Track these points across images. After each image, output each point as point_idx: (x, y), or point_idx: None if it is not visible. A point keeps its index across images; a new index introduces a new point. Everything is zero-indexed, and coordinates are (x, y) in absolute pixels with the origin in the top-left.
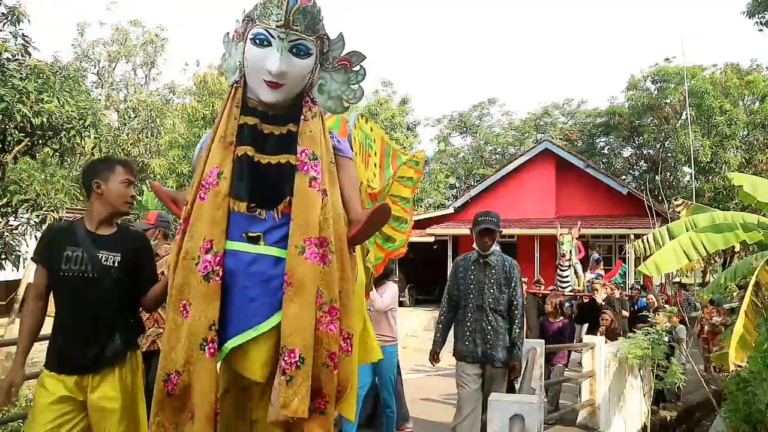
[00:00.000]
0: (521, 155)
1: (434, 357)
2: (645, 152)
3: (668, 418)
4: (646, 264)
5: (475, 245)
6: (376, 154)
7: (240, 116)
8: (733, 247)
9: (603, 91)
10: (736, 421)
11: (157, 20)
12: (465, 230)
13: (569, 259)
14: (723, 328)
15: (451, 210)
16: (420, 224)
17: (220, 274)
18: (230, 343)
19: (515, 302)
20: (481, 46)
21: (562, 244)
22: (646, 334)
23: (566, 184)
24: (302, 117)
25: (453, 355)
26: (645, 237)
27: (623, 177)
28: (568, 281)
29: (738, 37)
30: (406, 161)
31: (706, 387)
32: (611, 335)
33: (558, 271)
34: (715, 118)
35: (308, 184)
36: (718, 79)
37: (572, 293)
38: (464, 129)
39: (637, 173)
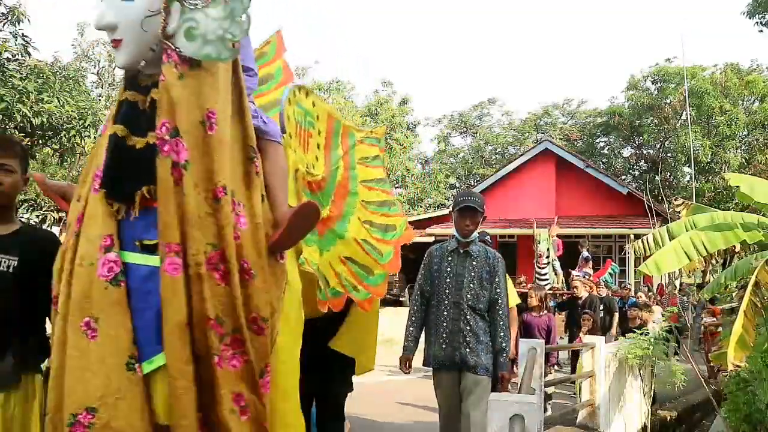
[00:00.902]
0: (521, 155)
1: (406, 364)
2: (645, 152)
3: (668, 418)
4: (647, 264)
5: (454, 231)
6: (320, 133)
7: (124, 90)
8: (734, 247)
9: (603, 91)
10: (736, 421)
11: None
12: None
13: (547, 257)
14: (715, 329)
15: (451, 210)
16: (420, 224)
17: (126, 280)
18: (146, 366)
19: (499, 301)
20: (481, 46)
21: (539, 243)
22: (645, 334)
23: (566, 184)
24: (161, 78)
25: (424, 363)
26: (645, 237)
27: (623, 177)
28: (546, 279)
29: (738, 37)
30: (362, 139)
31: (706, 387)
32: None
33: (536, 269)
34: (715, 118)
35: (169, 171)
36: (718, 79)
37: (551, 291)
38: (464, 129)
39: (637, 173)
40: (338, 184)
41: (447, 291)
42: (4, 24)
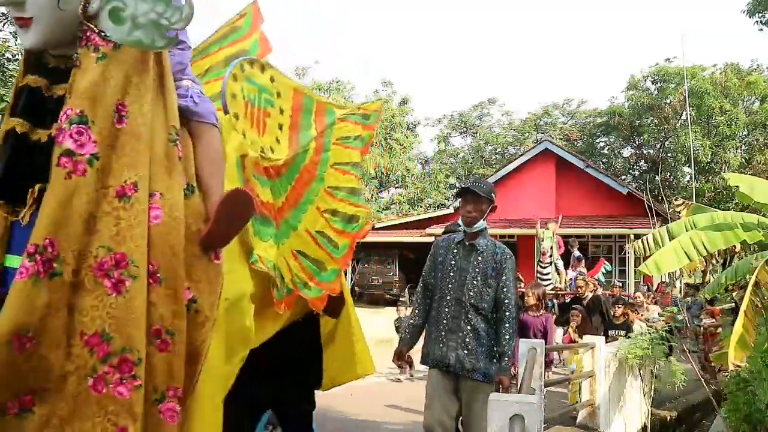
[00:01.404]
0: (521, 155)
1: (399, 356)
2: (645, 152)
3: (668, 418)
4: (647, 264)
5: (459, 221)
6: (282, 112)
7: (24, 75)
8: (734, 247)
9: (603, 91)
10: (736, 421)
11: None
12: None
13: (550, 256)
14: (714, 329)
15: (451, 210)
16: (420, 224)
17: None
18: None
19: (506, 301)
20: (481, 46)
21: (542, 240)
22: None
23: (566, 184)
24: (75, 62)
25: (421, 361)
26: (645, 237)
27: (623, 177)
28: (549, 279)
29: (738, 37)
30: (344, 116)
31: (706, 387)
32: (584, 334)
33: (538, 268)
34: (715, 118)
35: (56, 161)
36: (718, 79)
37: (553, 291)
38: (464, 129)
39: (637, 173)
40: (304, 168)
41: (449, 286)
42: (4, 24)
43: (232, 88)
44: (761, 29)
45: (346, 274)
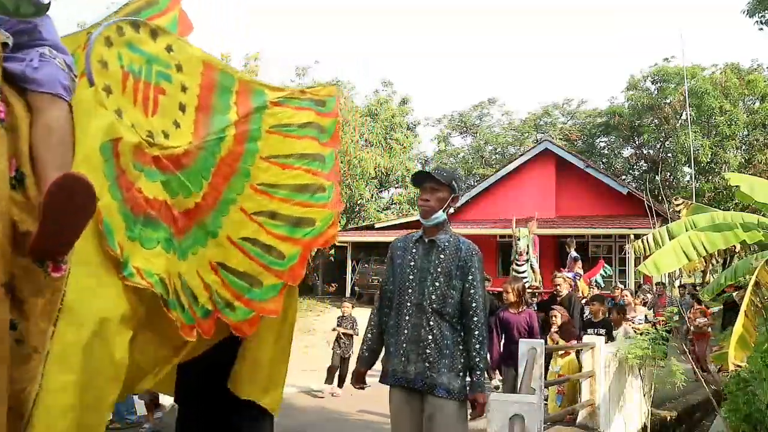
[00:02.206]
0: (521, 155)
1: (358, 378)
2: (645, 152)
3: (668, 418)
4: (646, 264)
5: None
6: (186, 89)
7: None
8: (734, 247)
9: (603, 91)
10: (736, 421)
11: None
12: (465, 230)
13: (527, 253)
14: (706, 329)
15: (451, 210)
16: (420, 224)
17: None
18: None
19: (473, 305)
20: (481, 46)
21: (519, 240)
22: (645, 334)
23: (566, 184)
24: None
25: (380, 380)
26: (645, 237)
27: (623, 177)
28: (524, 277)
29: (739, 37)
30: (282, 100)
31: (706, 387)
32: (567, 336)
33: (513, 266)
34: (715, 118)
35: None
36: (718, 79)
37: (530, 290)
38: (464, 129)
39: (637, 173)
40: (221, 160)
41: (409, 291)
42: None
43: (102, 53)
44: (761, 29)
45: (345, 275)
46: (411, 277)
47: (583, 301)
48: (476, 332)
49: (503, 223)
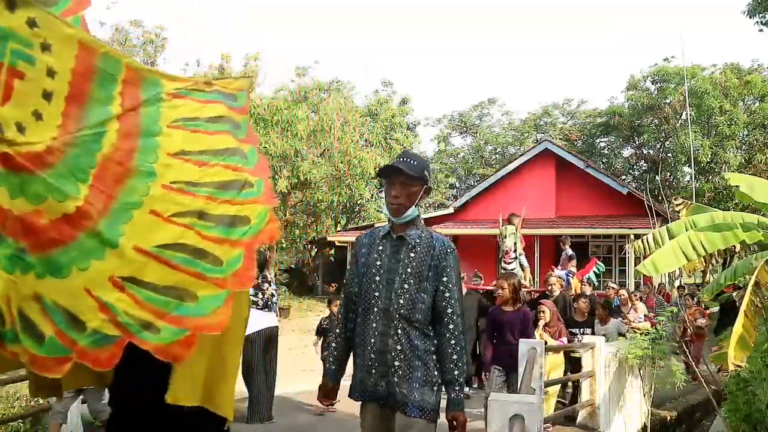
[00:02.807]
0: (521, 155)
1: (326, 393)
2: (645, 152)
3: (668, 418)
4: (645, 264)
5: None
6: (54, 74)
7: None
8: (734, 247)
9: (603, 91)
10: (736, 421)
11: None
12: (465, 230)
13: (514, 251)
14: (702, 330)
15: (451, 210)
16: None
17: None
18: None
19: (449, 310)
20: (481, 46)
21: (505, 237)
22: (645, 334)
23: (566, 184)
24: None
25: (349, 394)
26: (645, 237)
27: (623, 177)
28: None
29: (739, 37)
30: (181, 92)
31: (705, 387)
32: (555, 333)
33: (502, 264)
34: (715, 118)
35: None
36: (717, 79)
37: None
38: (464, 129)
39: (637, 173)
40: (104, 159)
41: (376, 294)
42: None
43: None
44: (761, 29)
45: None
46: (377, 278)
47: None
48: (452, 341)
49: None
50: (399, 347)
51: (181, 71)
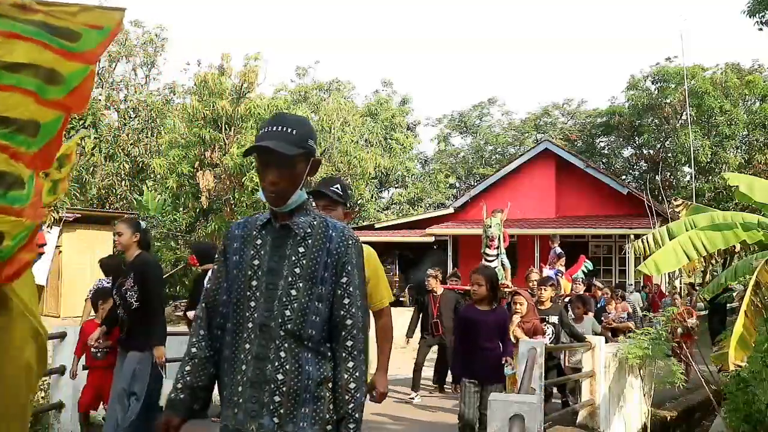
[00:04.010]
0: (521, 155)
1: (165, 429)
2: (645, 152)
3: (668, 418)
4: (646, 263)
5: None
6: None
7: None
8: (734, 247)
9: (603, 91)
10: (736, 421)
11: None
12: (465, 230)
13: (498, 245)
14: (693, 330)
15: (451, 210)
16: (420, 224)
17: None
18: None
19: (348, 321)
20: (481, 46)
21: (490, 227)
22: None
23: (566, 184)
24: None
25: None
26: (645, 237)
27: (623, 177)
28: (494, 267)
29: (739, 37)
30: None
31: (706, 387)
32: (531, 329)
33: (483, 260)
34: (715, 118)
35: None
36: (718, 79)
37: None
38: (464, 129)
39: (637, 173)
40: None
41: (251, 303)
42: None
43: None
44: (761, 29)
45: None
46: (254, 283)
47: (566, 299)
48: (350, 364)
49: (503, 224)
50: (281, 376)
51: (181, 71)
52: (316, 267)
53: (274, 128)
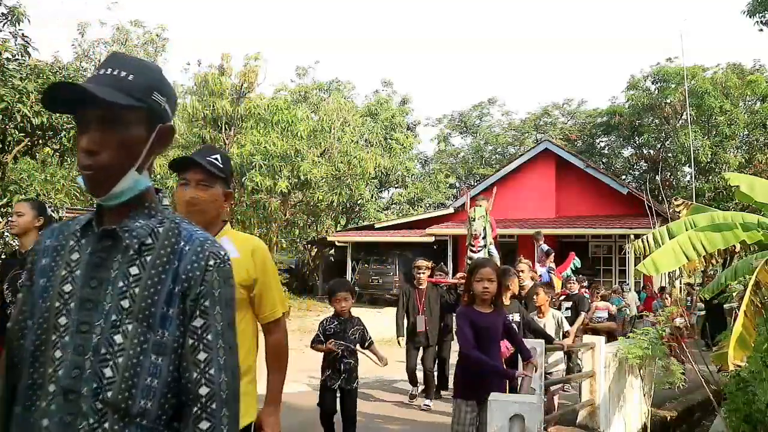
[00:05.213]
0: (521, 155)
1: None
2: (645, 152)
3: (668, 418)
4: (645, 263)
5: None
6: None
7: None
8: (734, 247)
9: (603, 91)
10: (736, 421)
11: (158, 20)
12: (465, 230)
13: (483, 238)
14: (686, 331)
15: (451, 210)
16: (420, 224)
17: None
18: None
19: (205, 389)
20: (481, 46)
21: (474, 220)
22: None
23: (566, 184)
24: None
25: None
26: (645, 237)
27: (623, 177)
28: None
29: (740, 37)
30: None
31: (706, 387)
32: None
33: (468, 253)
34: (715, 118)
35: None
36: (718, 79)
37: None
38: (464, 129)
39: (637, 173)
40: None
41: (56, 355)
42: (3, 24)
43: None
44: (761, 29)
45: (345, 275)
46: (62, 320)
47: (561, 299)
48: None
49: (503, 224)
50: None
51: (181, 71)
52: (155, 300)
53: (104, 71)
